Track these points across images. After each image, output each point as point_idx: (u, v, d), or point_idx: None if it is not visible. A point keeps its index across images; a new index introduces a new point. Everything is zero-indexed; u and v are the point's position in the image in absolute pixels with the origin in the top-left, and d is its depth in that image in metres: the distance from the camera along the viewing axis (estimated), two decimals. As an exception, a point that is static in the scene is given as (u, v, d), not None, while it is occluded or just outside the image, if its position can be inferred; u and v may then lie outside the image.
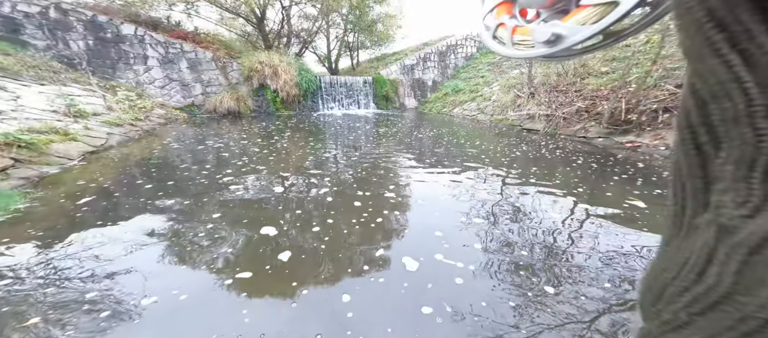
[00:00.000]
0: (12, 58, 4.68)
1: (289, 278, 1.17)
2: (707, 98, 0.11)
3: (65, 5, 5.87)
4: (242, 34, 9.52)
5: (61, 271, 1.15)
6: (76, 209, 1.71)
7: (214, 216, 1.68)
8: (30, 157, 2.33)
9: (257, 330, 0.92)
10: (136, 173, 2.44)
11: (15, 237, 1.37)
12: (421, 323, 0.96)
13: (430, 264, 1.28)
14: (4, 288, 1.05)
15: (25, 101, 3.57)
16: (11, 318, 0.92)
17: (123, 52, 6.34)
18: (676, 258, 0.13)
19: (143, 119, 4.86)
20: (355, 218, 1.69)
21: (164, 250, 1.34)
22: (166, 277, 1.15)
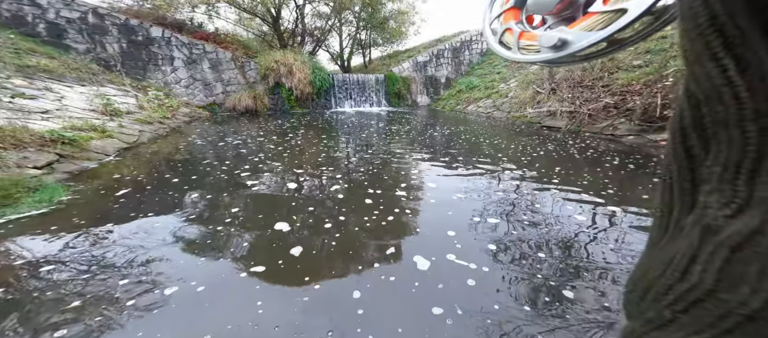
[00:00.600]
0: (57, 62, 5.09)
1: (301, 273, 1.20)
2: (701, 100, 0.12)
3: (102, 10, 6.28)
4: (259, 33, 9.77)
5: (99, 259, 1.26)
6: (113, 201, 1.85)
7: (232, 210, 1.76)
8: (72, 152, 2.54)
9: (271, 321, 0.96)
10: (164, 168, 2.60)
11: (59, 227, 1.51)
12: (431, 323, 0.95)
13: (442, 264, 1.27)
14: (49, 274, 1.17)
15: (67, 101, 3.88)
16: (57, 301, 1.02)
17: (152, 53, 6.72)
18: (662, 258, 0.13)
19: (170, 117, 5.14)
20: (366, 215, 1.70)
21: (186, 242, 1.42)
22: (187, 268, 1.22)
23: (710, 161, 0.12)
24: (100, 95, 4.30)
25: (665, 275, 0.13)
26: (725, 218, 0.11)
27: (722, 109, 0.11)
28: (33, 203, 1.69)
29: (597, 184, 2.23)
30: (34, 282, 1.10)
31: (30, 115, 2.98)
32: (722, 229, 0.11)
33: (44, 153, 2.33)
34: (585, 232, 1.53)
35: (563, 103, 5.00)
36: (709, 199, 0.12)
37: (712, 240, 0.11)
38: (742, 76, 0.11)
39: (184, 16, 7.97)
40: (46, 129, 2.60)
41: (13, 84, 3.60)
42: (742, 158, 0.11)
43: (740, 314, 0.10)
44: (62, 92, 4.11)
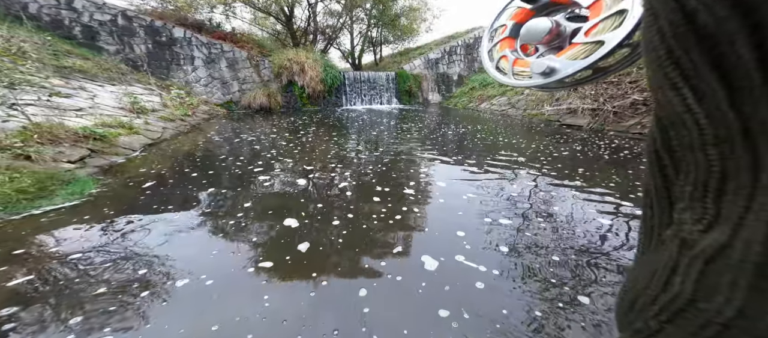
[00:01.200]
0: (90, 62, 5.43)
1: (309, 269, 1.21)
2: (668, 126, 0.13)
3: (130, 12, 6.61)
4: (273, 32, 9.94)
5: (122, 250, 1.33)
6: (139, 194, 1.95)
7: (245, 205, 1.80)
8: (102, 148, 2.70)
9: (278, 315, 0.97)
10: (185, 163, 2.71)
11: (89, 219, 1.60)
12: (437, 326, 0.93)
13: (450, 265, 1.23)
14: (79, 262, 1.24)
15: (99, 99, 4.13)
16: (85, 287, 1.08)
17: (175, 53, 7.00)
18: (647, 270, 0.14)
19: (191, 114, 5.35)
20: (374, 213, 1.69)
21: (201, 235, 1.47)
22: (199, 261, 1.26)
23: (681, 181, 0.13)
24: (128, 93, 4.54)
25: (650, 286, 0.13)
26: (699, 233, 0.12)
27: (686, 133, 0.12)
28: (66, 196, 1.81)
29: (624, 186, 2.09)
30: (66, 270, 1.18)
31: (65, 112, 3.19)
32: (696, 243, 0.12)
33: (77, 148, 2.49)
34: (607, 236, 1.43)
35: (585, 100, 4.72)
36: (683, 216, 0.12)
37: (688, 253, 0.12)
38: (700, 104, 0.11)
39: (204, 17, 8.23)
40: (79, 126, 2.77)
41: (52, 84, 3.87)
42: (708, 178, 0.12)
43: (717, 323, 0.10)
44: (95, 91, 4.37)
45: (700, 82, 0.11)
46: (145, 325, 0.92)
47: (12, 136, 2.26)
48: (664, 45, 0.12)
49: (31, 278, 1.12)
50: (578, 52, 0.19)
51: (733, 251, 0.10)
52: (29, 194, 1.73)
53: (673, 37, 0.12)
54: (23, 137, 2.28)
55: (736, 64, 0.10)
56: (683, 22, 0.11)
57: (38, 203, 1.69)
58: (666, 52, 0.12)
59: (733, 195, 0.11)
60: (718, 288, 0.11)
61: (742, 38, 0.10)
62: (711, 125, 0.11)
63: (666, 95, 0.12)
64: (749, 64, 0.10)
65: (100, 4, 6.33)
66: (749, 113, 0.10)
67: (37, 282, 1.10)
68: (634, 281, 0.14)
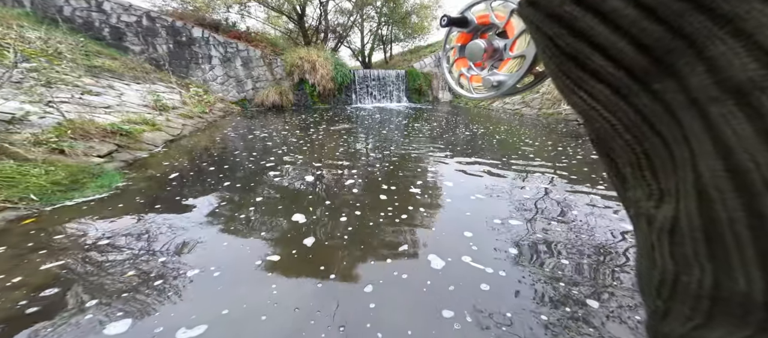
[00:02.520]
0: (118, 62, 5.70)
1: (315, 264, 1.23)
2: (586, 120, 0.14)
3: (153, 13, 6.87)
4: (285, 31, 10.04)
5: (145, 240, 1.40)
6: (161, 188, 2.04)
7: (256, 200, 1.85)
8: (128, 143, 2.84)
9: (287, 303, 0.99)
10: (203, 158, 2.81)
11: (116, 210, 1.69)
12: (439, 326, 0.92)
13: (456, 265, 1.22)
14: (109, 248, 1.32)
15: (125, 97, 4.34)
16: (110, 274, 1.16)
17: (194, 53, 7.23)
18: (639, 251, 0.14)
19: (208, 111, 5.53)
20: (380, 211, 1.69)
21: (213, 228, 1.53)
22: (211, 252, 1.31)
23: (621, 163, 0.14)
24: (152, 91, 4.75)
25: (643, 264, 0.13)
26: (654, 208, 0.12)
27: (600, 125, 0.13)
28: (96, 188, 1.92)
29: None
30: (96, 257, 1.25)
31: (95, 109, 3.37)
32: (655, 218, 0.12)
33: (106, 144, 2.63)
34: (626, 240, 1.36)
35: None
36: (636, 194, 0.13)
37: (654, 227, 0.12)
38: (597, 102, 0.13)
39: (220, 17, 8.43)
40: (108, 122, 2.93)
41: (84, 82, 4.10)
42: (636, 158, 0.13)
43: (705, 296, 0.10)
44: (122, 89, 4.60)
45: (590, 88, 0.13)
46: (161, 309, 0.97)
47: (48, 131, 2.42)
48: (553, 63, 0.14)
49: (64, 263, 1.20)
50: (512, 65, 0.23)
51: (681, 222, 0.11)
52: (63, 186, 1.85)
53: (552, 58, 0.14)
54: (58, 132, 2.44)
55: (606, 72, 0.12)
56: (554, 47, 0.13)
57: (71, 195, 1.81)
58: (556, 67, 0.14)
59: (662, 170, 0.12)
60: (688, 259, 0.11)
61: (596, 56, 0.12)
62: (615, 116, 0.13)
63: (570, 98, 0.14)
64: (612, 70, 0.12)
65: (126, 5, 6.61)
66: (638, 104, 0.12)
67: (70, 268, 1.17)
68: (637, 264, 0.15)
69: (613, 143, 0.14)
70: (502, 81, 0.23)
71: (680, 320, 0.11)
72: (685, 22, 0.10)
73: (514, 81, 0.23)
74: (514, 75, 0.22)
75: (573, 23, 0.12)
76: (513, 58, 0.23)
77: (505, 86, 0.23)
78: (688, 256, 0.11)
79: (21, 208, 1.60)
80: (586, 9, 0.11)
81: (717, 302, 0.10)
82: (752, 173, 0.08)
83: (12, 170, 1.79)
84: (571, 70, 0.13)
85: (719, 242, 0.10)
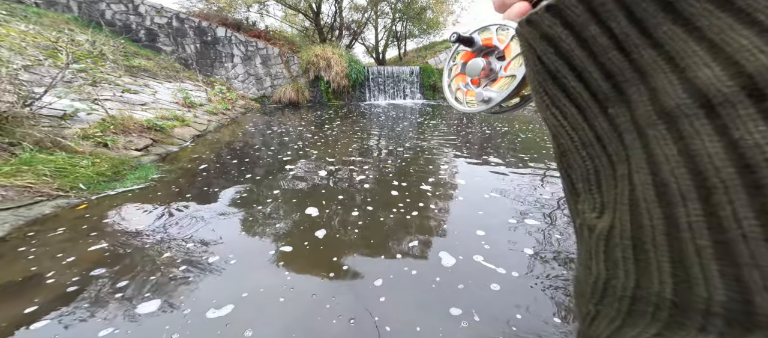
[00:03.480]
0: (152, 62, 6.10)
1: (327, 254, 1.26)
2: (554, 135, 0.16)
3: (182, 15, 7.24)
4: (301, 29, 10.16)
5: (175, 228, 1.51)
6: (190, 180, 2.18)
7: (274, 192, 1.93)
8: (161, 138, 3.04)
9: (303, 288, 1.03)
10: (227, 152, 2.96)
11: (152, 200, 1.83)
12: (446, 323, 0.92)
13: (467, 264, 1.20)
14: (144, 235, 1.45)
15: (159, 95, 4.64)
16: (149, 255, 1.27)
17: (217, 52, 7.56)
18: (578, 258, 0.16)
19: (231, 108, 5.78)
20: (392, 207, 1.70)
21: (233, 218, 1.61)
22: (230, 241, 1.39)
23: (575, 178, 0.16)
24: (181, 89, 5.04)
25: (581, 273, 0.15)
26: (596, 219, 0.14)
27: (564, 141, 0.16)
28: (134, 180, 2.08)
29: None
30: (133, 241, 1.37)
31: (134, 106, 3.64)
32: (596, 227, 0.14)
33: (143, 138, 2.84)
34: None
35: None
36: (584, 206, 0.15)
37: (594, 236, 0.14)
38: (566, 120, 0.15)
39: (241, 16, 8.70)
40: (144, 119, 3.15)
41: (123, 81, 4.44)
42: (587, 173, 0.15)
43: (627, 296, 0.12)
44: (156, 88, 4.93)
45: (561, 106, 0.15)
46: (186, 291, 1.05)
47: (94, 126, 2.65)
48: (536, 79, 0.16)
49: (107, 246, 1.32)
50: (503, 84, 0.25)
51: (615, 231, 0.13)
52: (106, 176, 2.03)
53: (536, 74, 0.16)
54: (102, 127, 2.67)
55: (576, 93, 0.14)
56: (539, 64, 0.15)
57: (113, 185, 1.98)
58: (538, 84, 0.16)
59: (606, 185, 0.14)
60: (617, 264, 0.13)
61: (571, 77, 0.14)
62: (576, 134, 0.15)
63: (545, 113, 0.16)
64: (581, 91, 0.14)
65: (158, 7, 7.02)
66: (597, 125, 0.14)
67: (112, 251, 1.29)
68: (576, 271, 0.16)
69: (571, 159, 0.16)
70: (491, 97, 0.26)
71: (606, 322, 0.13)
72: (641, 55, 0.12)
73: (501, 98, 0.25)
74: (503, 92, 0.25)
75: (558, 43, 0.14)
76: (505, 77, 0.25)
77: (493, 102, 0.26)
78: (618, 261, 0.13)
79: (71, 196, 1.77)
80: (570, 31, 0.13)
81: (635, 302, 0.12)
82: (671, 185, 0.10)
83: (64, 162, 1.99)
84: (549, 87, 0.15)
85: (642, 248, 0.11)
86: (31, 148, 2.02)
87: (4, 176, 1.67)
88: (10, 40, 3.74)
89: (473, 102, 0.28)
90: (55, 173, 1.87)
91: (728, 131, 0.09)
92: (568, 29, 0.13)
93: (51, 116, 2.61)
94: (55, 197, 1.73)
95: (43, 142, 2.12)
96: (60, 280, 1.11)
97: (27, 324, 0.91)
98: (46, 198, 1.69)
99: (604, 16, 0.12)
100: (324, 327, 0.91)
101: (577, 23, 0.13)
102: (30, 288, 1.06)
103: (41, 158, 1.95)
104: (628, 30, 0.12)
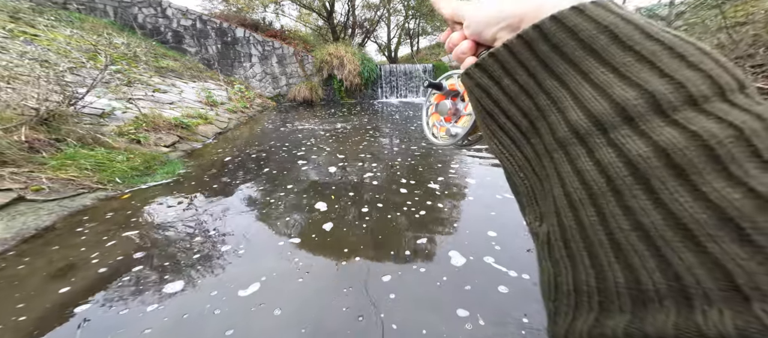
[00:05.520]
0: (179, 63, 6.41)
1: (336, 250, 1.27)
2: (498, 158, 0.19)
3: (205, 17, 7.52)
4: (315, 28, 10.23)
5: (199, 219, 1.59)
6: (213, 176, 2.29)
7: (288, 187, 1.99)
8: (187, 135, 3.19)
9: (313, 284, 1.04)
10: (246, 149, 3.07)
11: (179, 193, 1.94)
12: (451, 324, 0.90)
13: (477, 264, 1.17)
14: (172, 225, 1.54)
15: (185, 94, 4.87)
16: (177, 244, 1.35)
17: (237, 52, 7.80)
18: (538, 260, 0.18)
19: (249, 106, 5.97)
20: (402, 204, 1.69)
21: (249, 210, 1.67)
22: (242, 231, 1.44)
23: (520, 194, 0.18)
24: (204, 89, 5.26)
25: (540, 273, 0.16)
26: (538, 227, 0.16)
27: (507, 166, 0.18)
28: (163, 174, 2.20)
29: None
30: (163, 231, 1.46)
31: (163, 105, 3.85)
32: (539, 233, 0.16)
33: (171, 135, 2.99)
34: None
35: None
36: (529, 217, 0.17)
37: (539, 242, 0.16)
38: (503, 147, 0.18)
39: (258, 16, 8.90)
40: (172, 117, 3.32)
41: (154, 81, 4.70)
42: (526, 189, 0.17)
43: (571, 289, 0.13)
44: (182, 87, 5.17)
45: (500, 137, 0.18)
46: (208, 275, 1.11)
47: (129, 124, 2.83)
48: (479, 117, 0.19)
49: (141, 235, 1.42)
50: (465, 121, 0.29)
51: (551, 234, 0.14)
52: (139, 171, 2.16)
53: (479, 113, 0.19)
54: (136, 125, 2.84)
55: (507, 128, 0.17)
56: (479, 105, 0.19)
57: (145, 179, 2.10)
58: (481, 120, 0.19)
59: (541, 198, 0.16)
60: (558, 262, 0.14)
61: (502, 116, 0.17)
62: (514, 159, 0.18)
63: (489, 144, 0.19)
64: (510, 127, 0.17)
65: (184, 10, 7.33)
66: (525, 151, 0.17)
67: (145, 240, 1.38)
68: (539, 274, 0.18)
69: (515, 179, 0.18)
70: (458, 133, 0.29)
71: (562, 316, 0.14)
72: (539, 98, 0.15)
73: (465, 132, 0.28)
74: (465, 128, 0.28)
75: (489, 91, 0.18)
76: (466, 115, 0.29)
77: (458, 136, 0.29)
78: (558, 259, 0.14)
79: (109, 188, 1.91)
80: (493, 82, 0.17)
81: (577, 294, 0.13)
82: (573, 194, 0.13)
83: (103, 157, 2.14)
84: (489, 124, 0.18)
85: (569, 246, 0.13)
86: (74, 144, 2.19)
87: (52, 170, 1.83)
88: (57, 44, 4.06)
89: (445, 136, 0.32)
90: (95, 168, 2.01)
91: (593, 154, 0.13)
92: (492, 80, 0.17)
93: (91, 115, 2.81)
94: (95, 189, 1.86)
95: (84, 138, 2.29)
96: (104, 263, 1.21)
97: (77, 304, 1.00)
98: (87, 191, 1.83)
99: (511, 71, 0.16)
100: (332, 320, 0.92)
101: (495, 76, 0.17)
102: (77, 271, 1.15)
103: (83, 153, 2.11)
104: (527, 80, 0.16)
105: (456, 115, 0.32)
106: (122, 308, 0.98)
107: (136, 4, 6.95)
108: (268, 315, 0.94)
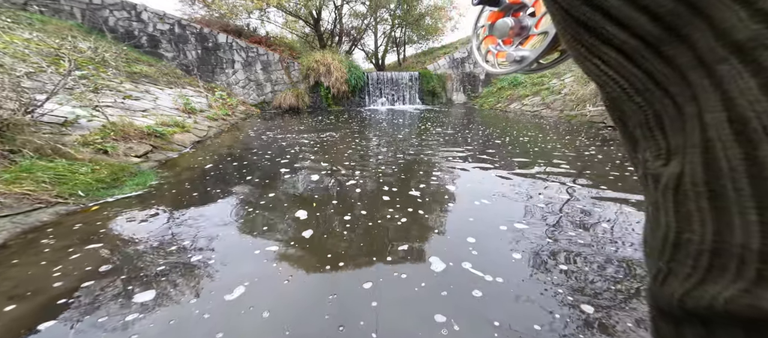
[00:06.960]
0: (154, 68, 6.16)
1: (317, 255, 1.27)
2: (600, 85, 0.15)
3: (184, 22, 7.34)
4: (301, 35, 10.31)
5: (172, 232, 1.51)
6: (189, 187, 2.18)
7: (270, 195, 1.95)
8: (161, 144, 3.06)
9: (294, 293, 1.02)
10: (225, 157, 2.98)
11: (149, 206, 1.84)
12: (428, 330, 0.92)
13: (456, 270, 1.21)
14: (142, 239, 1.45)
15: (160, 101, 4.68)
16: (147, 258, 1.27)
17: (218, 58, 7.64)
18: (647, 214, 0.15)
19: (231, 114, 5.82)
20: (385, 212, 1.71)
21: (228, 221, 1.61)
22: (224, 243, 1.39)
23: (632, 125, 0.14)
24: (182, 95, 5.08)
25: (647, 228, 0.14)
26: (661, 167, 0.13)
27: (612, 90, 0.14)
28: (133, 186, 2.09)
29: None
30: (131, 246, 1.37)
31: (135, 113, 3.67)
32: (662, 176, 0.13)
33: (143, 144, 2.85)
34: None
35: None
36: (645, 155, 0.14)
37: (659, 187, 0.13)
38: (609, 67, 0.14)
39: (242, 22, 8.83)
40: (144, 125, 3.17)
41: (125, 88, 4.48)
42: (646, 119, 0.13)
43: (707, 250, 0.10)
44: (156, 94, 4.96)
45: (602, 54, 0.14)
46: (182, 285, 1.04)
47: (95, 133, 2.66)
48: (567, 33, 0.15)
49: (106, 250, 1.32)
50: (536, 42, 0.24)
51: (686, 178, 0.11)
52: (105, 183, 2.04)
53: (566, 28, 0.15)
54: (103, 134, 2.68)
55: (617, 39, 0.13)
56: (568, 16, 0.15)
57: (112, 192, 1.98)
58: (571, 37, 0.15)
59: (671, 129, 0.13)
60: (690, 215, 0.11)
61: (608, 24, 0.13)
62: (625, 80, 0.14)
63: (584, 65, 0.15)
64: (624, 38, 0.13)
65: (161, 14, 7.12)
66: (650, 68, 0.12)
67: (111, 255, 1.29)
68: (644, 229, 0.15)
69: (624, 107, 0.14)
70: (524, 56, 0.25)
71: (680, 279, 0.12)
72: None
73: (536, 56, 0.24)
74: (536, 50, 0.24)
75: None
76: (537, 34, 0.24)
77: (526, 61, 0.25)
78: (691, 211, 0.11)
79: (70, 203, 1.78)
80: None
81: (716, 255, 0.10)
82: (752, 121, 0.09)
83: (64, 169, 2.00)
84: (584, 38, 0.14)
85: (720, 194, 0.10)
86: (31, 155, 2.03)
87: (3, 184, 1.68)
88: (13, 48, 3.78)
89: (505, 63, 0.27)
90: (55, 181, 1.87)
91: None
92: None
93: (52, 123, 2.63)
94: (54, 204, 1.73)
95: (43, 149, 2.13)
96: (67, 278, 1.12)
97: (33, 327, 0.91)
98: (44, 205, 1.70)
99: None
100: (312, 329, 0.92)
101: None
102: (32, 293, 1.06)
103: (41, 165, 1.96)
104: None
105: (521, 35, 0.26)
106: (96, 320, 0.92)
107: (106, 7, 6.66)
108: (251, 323, 0.92)
